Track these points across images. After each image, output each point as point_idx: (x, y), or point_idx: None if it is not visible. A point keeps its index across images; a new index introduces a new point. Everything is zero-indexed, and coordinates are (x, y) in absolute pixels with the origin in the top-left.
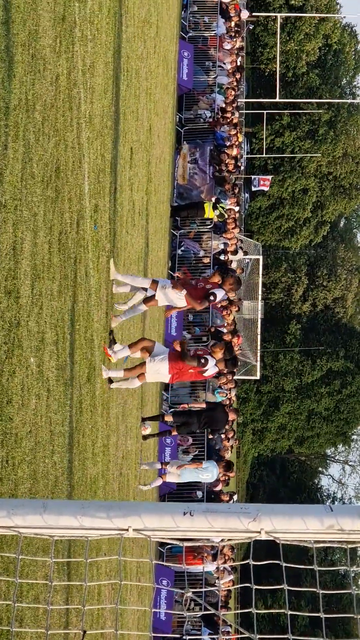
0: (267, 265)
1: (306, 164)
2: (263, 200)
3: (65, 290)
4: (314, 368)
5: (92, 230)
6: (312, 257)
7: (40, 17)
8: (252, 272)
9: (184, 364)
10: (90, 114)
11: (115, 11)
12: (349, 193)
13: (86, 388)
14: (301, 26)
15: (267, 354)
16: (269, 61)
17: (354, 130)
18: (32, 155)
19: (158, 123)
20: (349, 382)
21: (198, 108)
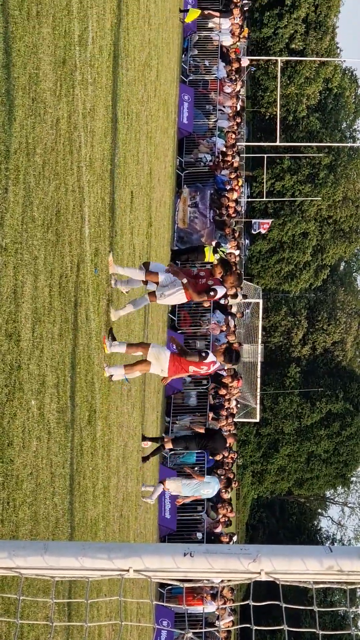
0: (267, 308)
1: (306, 207)
2: (263, 244)
3: (65, 334)
4: (313, 410)
5: (93, 274)
6: (312, 300)
7: (40, 60)
8: (252, 316)
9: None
10: (91, 157)
11: (115, 55)
12: (349, 237)
13: (87, 430)
14: (302, 70)
15: (267, 397)
16: (269, 105)
17: (354, 174)
18: (33, 199)
19: (158, 167)
20: (348, 424)
21: (198, 152)
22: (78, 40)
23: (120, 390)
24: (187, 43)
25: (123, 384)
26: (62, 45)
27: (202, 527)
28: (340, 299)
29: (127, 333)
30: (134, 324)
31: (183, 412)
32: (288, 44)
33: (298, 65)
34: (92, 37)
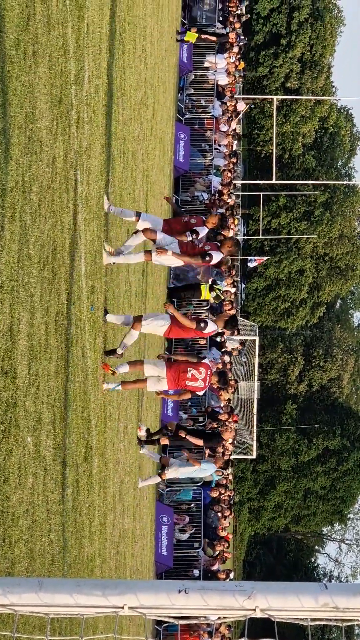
0: (263, 345)
1: (302, 245)
2: (259, 281)
3: (62, 371)
4: (310, 447)
5: (89, 312)
6: (309, 337)
7: (37, 99)
8: (249, 353)
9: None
10: (87, 195)
11: (111, 93)
12: (345, 274)
13: (83, 467)
14: (297, 108)
15: (264, 434)
16: (265, 143)
17: (350, 211)
18: (29, 237)
19: (155, 205)
20: (345, 460)
21: (195, 190)
22: (74, 80)
23: (116, 427)
24: (183, 82)
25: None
26: (58, 85)
27: (199, 564)
28: (336, 335)
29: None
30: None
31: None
32: (284, 82)
33: (294, 104)
34: (89, 76)
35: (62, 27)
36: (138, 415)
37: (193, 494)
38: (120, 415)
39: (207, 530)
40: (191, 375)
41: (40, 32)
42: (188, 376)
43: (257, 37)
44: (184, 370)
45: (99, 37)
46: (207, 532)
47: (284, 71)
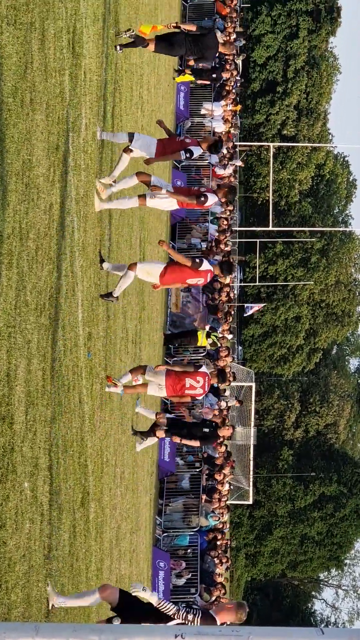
0: (259, 391)
1: (299, 291)
2: (256, 328)
3: (59, 417)
4: (306, 493)
5: (86, 358)
6: (305, 383)
7: (34, 147)
8: (245, 399)
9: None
10: (84, 242)
11: (108, 141)
12: (342, 320)
13: (80, 512)
14: (294, 156)
15: (260, 480)
16: (262, 190)
17: (346, 258)
18: (26, 283)
19: (151, 251)
20: (342, 506)
21: (191, 237)
22: (71, 127)
23: (113, 473)
24: (180, 129)
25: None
26: (55, 132)
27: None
28: (332, 382)
29: (120, 416)
30: (127, 406)
31: (176, 494)
32: (280, 130)
33: (290, 151)
34: (86, 124)
35: (59, 75)
36: (134, 461)
37: (190, 540)
38: (117, 461)
39: (203, 575)
40: (189, 385)
41: (38, 79)
42: (186, 385)
43: (254, 85)
44: (181, 380)
45: (96, 84)
46: (204, 577)
47: (280, 118)
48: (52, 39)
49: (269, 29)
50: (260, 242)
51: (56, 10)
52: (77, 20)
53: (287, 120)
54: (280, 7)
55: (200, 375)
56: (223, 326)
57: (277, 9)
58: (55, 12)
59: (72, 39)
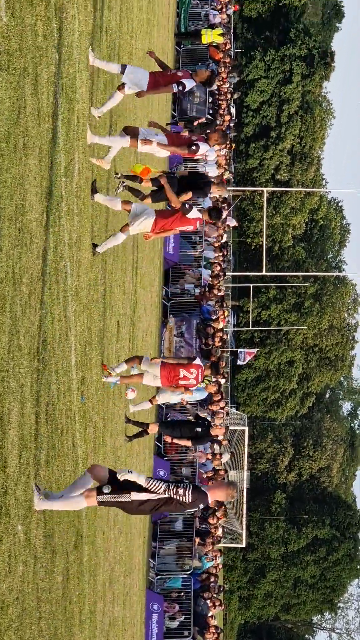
0: (253, 435)
1: (292, 336)
2: (249, 372)
3: (52, 460)
4: (299, 536)
5: (80, 402)
6: (298, 427)
7: (27, 192)
8: (238, 443)
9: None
10: (77, 287)
11: (101, 186)
12: (335, 364)
13: (73, 555)
14: (287, 200)
15: (253, 523)
16: (255, 235)
17: (339, 303)
18: (19, 328)
19: (144, 296)
20: (335, 550)
21: (184, 282)
22: (64, 172)
23: (107, 516)
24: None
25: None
26: (48, 177)
27: None
28: (326, 426)
29: (113, 459)
30: (120, 450)
31: (169, 537)
32: (274, 174)
33: (284, 196)
34: (79, 169)
35: (52, 120)
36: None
37: (183, 582)
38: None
39: (197, 618)
40: (183, 375)
41: (31, 124)
42: (180, 376)
43: (247, 129)
44: (176, 371)
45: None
46: (197, 620)
47: (274, 163)
48: (45, 84)
49: (262, 74)
50: (253, 287)
51: (49, 56)
52: (70, 66)
53: (281, 165)
54: (273, 52)
55: (194, 367)
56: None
57: (270, 54)
58: (48, 57)
59: (65, 84)
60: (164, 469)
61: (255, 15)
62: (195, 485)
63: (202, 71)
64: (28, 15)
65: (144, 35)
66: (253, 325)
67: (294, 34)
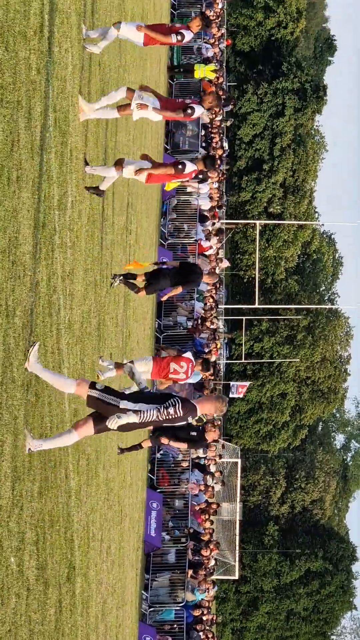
0: (245, 467)
1: (285, 368)
2: (242, 404)
3: (45, 492)
4: (292, 569)
5: None
6: (291, 460)
7: (20, 224)
8: (231, 475)
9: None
10: (70, 320)
11: (94, 219)
12: (327, 397)
13: (66, 587)
14: (280, 233)
15: (246, 555)
16: (248, 268)
17: (332, 335)
18: (13, 360)
19: (137, 329)
20: (328, 582)
21: (177, 314)
22: (57, 205)
23: (99, 547)
24: (166, 207)
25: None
26: (41, 210)
27: None
28: (318, 458)
29: (106, 491)
30: (113, 482)
31: (162, 569)
32: (266, 207)
33: (276, 229)
34: (72, 202)
35: (45, 153)
36: (121, 535)
37: (176, 614)
38: (103, 535)
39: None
40: (173, 369)
41: (24, 158)
42: (170, 370)
43: (240, 163)
44: (166, 365)
45: (83, 162)
46: None
47: (266, 196)
48: (38, 118)
49: (255, 107)
50: (246, 319)
51: (42, 89)
52: (63, 99)
53: (274, 197)
54: (266, 86)
55: (184, 360)
56: None
57: (263, 88)
58: (41, 91)
59: (58, 117)
60: (157, 501)
61: (247, 49)
62: (184, 399)
63: (195, 19)
64: (22, 48)
65: (137, 69)
66: (246, 358)
67: (287, 67)
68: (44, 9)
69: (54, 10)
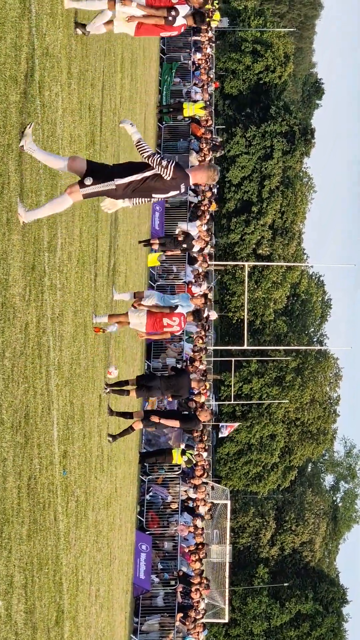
0: (235, 509)
1: (274, 410)
2: (231, 446)
3: (34, 534)
4: (282, 611)
5: (61, 476)
6: (280, 501)
7: (10, 266)
8: (220, 517)
9: None
10: (59, 361)
11: (84, 261)
12: (317, 438)
13: (55, 631)
14: (269, 275)
15: (236, 597)
16: (237, 309)
17: (321, 376)
18: (2, 402)
19: (126, 370)
20: (318, 625)
21: (166, 356)
22: (47, 247)
23: (88, 591)
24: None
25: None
26: (31, 252)
27: None
28: (308, 499)
29: (95, 533)
30: (102, 524)
31: (151, 612)
32: (255, 249)
33: (265, 270)
34: (61, 244)
35: (35, 196)
36: (110, 578)
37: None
38: (92, 578)
39: None
40: (166, 323)
41: (14, 200)
42: (164, 323)
43: (229, 205)
44: (160, 319)
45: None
46: None
47: (255, 238)
48: (28, 160)
49: (243, 150)
50: (235, 360)
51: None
52: (54, 142)
53: (262, 239)
54: (254, 129)
55: (176, 315)
56: (198, 445)
57: (251, 131)
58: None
59: None
60: (146, 543)
61: (236, 93)
62: (179, 163)
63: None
64: (12, 92)
65: (127, 111)
66: (235, 399)
67: (275, 110)
68: (35, 54)
69: (44, 55)
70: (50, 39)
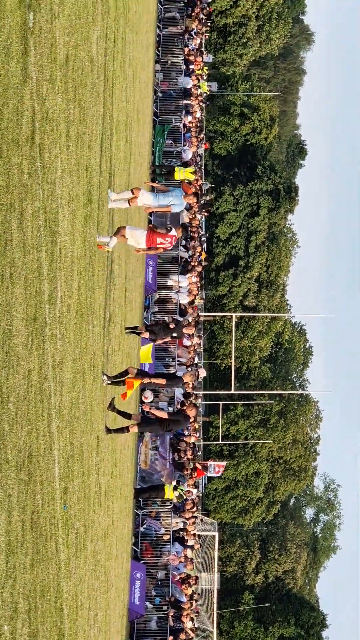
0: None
1: (259, 449)
2: (219, 482)
3: (37, 564)
4: (266, 634)
5: (62, 510)
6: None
7: (13, 317)
8: (209, 547)
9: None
10: (60, 405)
11: (82, 312)
12: (298, 475)
13: None
14: (254, 324)
15: (223, 621)
16: (224, 356)
17: (302, 419)
18: (7, 442)
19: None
20: None
21: (158, 400)
22: (48, 299)
23: (87, 615)
24: (148, 301)
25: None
26: (33, 304)
27: None
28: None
29: (93, 563)
30: (100, 554)
31: (145, 635)
32: (242, 301)
33: (251, 320)
34: (61, 296)
35: (36, 252)
36: (107, 604)
37: None
38: (90, 604)
39: None
40: (160, 242)
41: (17, 255)
42: (158, 241)
43: (218, 259)
44: (155, 239)
45: (71, 260)
46: None
47: (242, 290)
48: (30, 218)
49: (231, 207)
50: (222, 404)
51: (34, 192)
52: (53, 201)
53: (249, 292)
54: (242, 187)
55: (169, 236)
56: (188, 481)
57: (239, 189)
58: (32, 194)
59: (48, 218)
60: (141, 571)
61: (224, 153)
62: None
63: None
64: (14, 155)
65: (122, 172)
66: (222, 439)
67: (261, 170)
68: (35, 118)
69: (44, 119)
70: (49, 104)
